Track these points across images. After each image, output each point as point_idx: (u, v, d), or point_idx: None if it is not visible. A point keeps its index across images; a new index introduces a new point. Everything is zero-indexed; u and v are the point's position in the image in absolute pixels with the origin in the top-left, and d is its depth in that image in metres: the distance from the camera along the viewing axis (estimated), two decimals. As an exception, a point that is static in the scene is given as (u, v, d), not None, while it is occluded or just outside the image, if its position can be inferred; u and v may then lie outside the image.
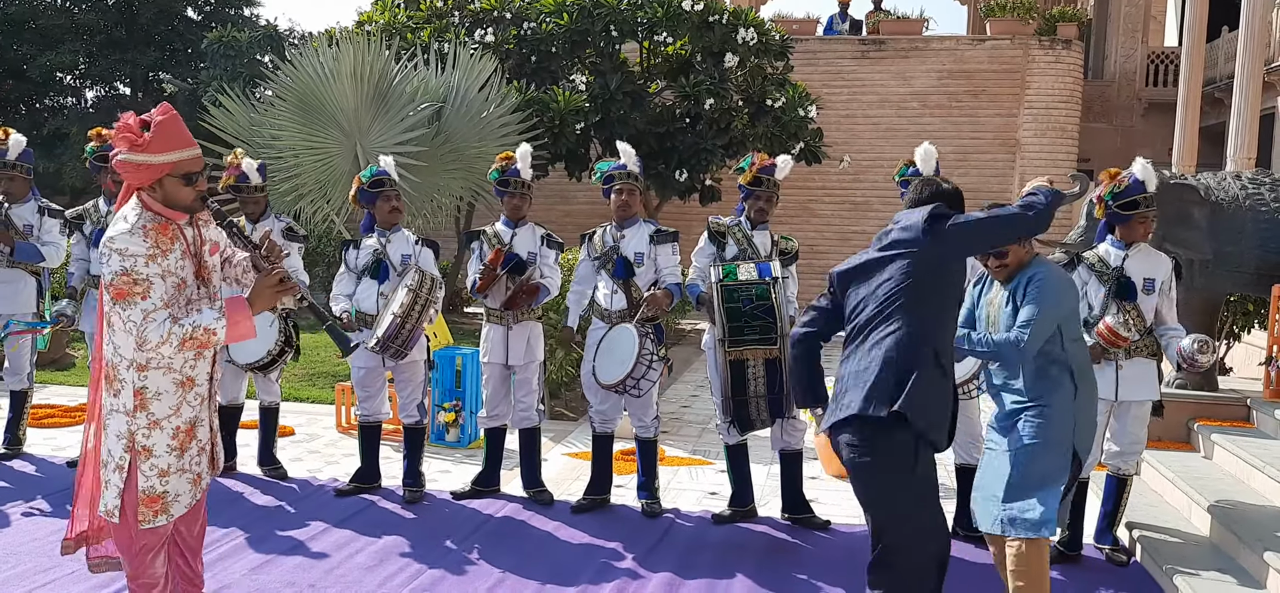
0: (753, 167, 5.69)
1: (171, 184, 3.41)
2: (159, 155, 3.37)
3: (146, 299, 3.31)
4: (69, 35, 20.78)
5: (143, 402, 3.45)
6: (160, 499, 3.49)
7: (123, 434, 3.46)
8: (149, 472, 3.47)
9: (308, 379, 9.75)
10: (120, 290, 3.30)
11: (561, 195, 16.18)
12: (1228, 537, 5.17)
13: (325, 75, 10.87)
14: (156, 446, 3.47)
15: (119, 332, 3.40)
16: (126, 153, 3.37)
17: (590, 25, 13.29)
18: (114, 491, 3.48)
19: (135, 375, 3.43)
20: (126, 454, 3.47)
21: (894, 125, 17.22)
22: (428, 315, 5.63)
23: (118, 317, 3.36)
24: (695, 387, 10.32)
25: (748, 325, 5.18)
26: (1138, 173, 5.11)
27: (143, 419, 3.46)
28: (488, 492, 6.13)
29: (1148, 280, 5.11)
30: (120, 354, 3.43)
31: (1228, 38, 17.54)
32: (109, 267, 3.33)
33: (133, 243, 3.31)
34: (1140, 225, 5.13)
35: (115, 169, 3.46)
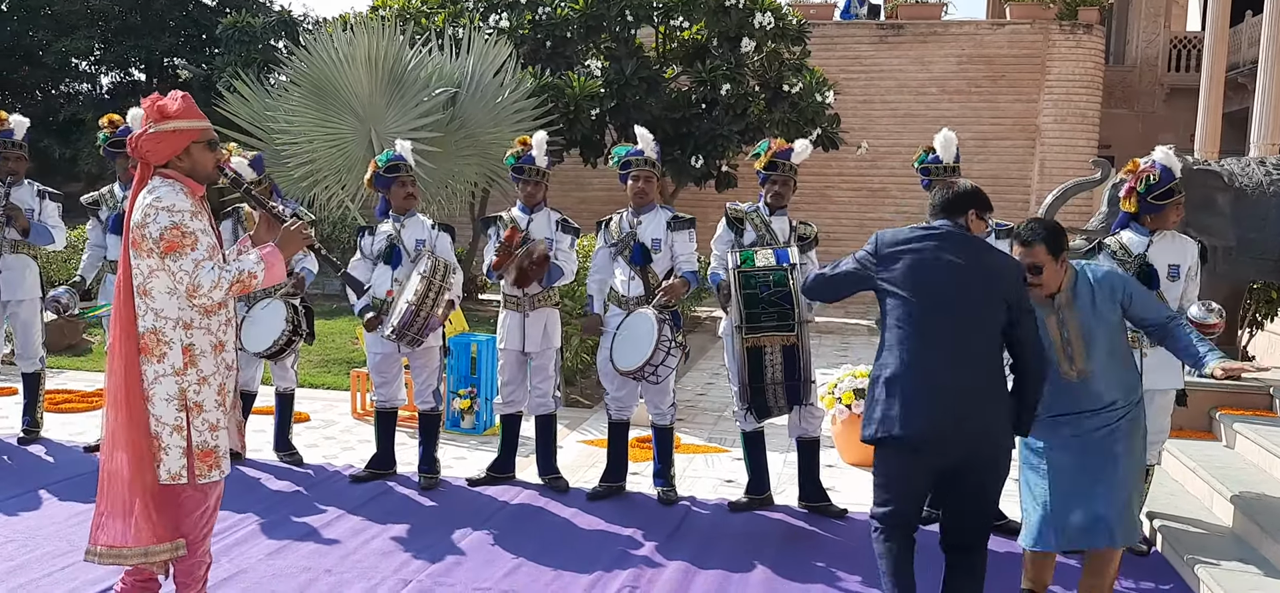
0: (768, 151, 5.66)
1: (198, 151, 3.63)
2: (189, 121, 3.59)
3: (196, 249, 3.51)
4: (84, 21, 20.84)
5: (191, 358, 3.60)
6: (213, 454, 3.67)
7: (173, 396, 3.59)
8: (201, 427, 3.63)
9: (323, 365, 9.76)
10: (171, 243, 3.48)
11: (577, 181, 16.14)
12: (1250, 527, 5.11)
13: (340, 61, 10.86)
14: (206, 401, 3.64)
15: (161, 295, 3.55)
16: (157, 124, 3.55)
17: (606, 10, 13.23)
18: (178, 452, 3.61)
19: (182, 334, 3.58)
20: (181, 413, 3.60)
21: (912, 111, 17.09)
22: (444, 302, 5.59)
23: (166, 272, 3.52)
24: (711, 374, 10.29)
25: (765, 312, 5.14)
26: (1163, 160, 5.04)
27: (193, 375, 3.61)
28: (503, 479, 6.12)
29: (1173, 267, 5.05)
30: (164, 318, 3.57)
31: (1251, 22, 17.34)
32: (156, 223, 3.48)
33: (178, 199, 3.53)
34: (1173, 212, 5.07)
35: (142, 146, 3.57)
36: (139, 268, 3.57)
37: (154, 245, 3.50)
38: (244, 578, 4.55)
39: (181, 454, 3.61)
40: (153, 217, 3.49)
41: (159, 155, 3.58)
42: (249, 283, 3.59)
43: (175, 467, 3.61)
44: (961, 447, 3.74)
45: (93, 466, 6.21)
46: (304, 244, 3.83)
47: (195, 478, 3.63)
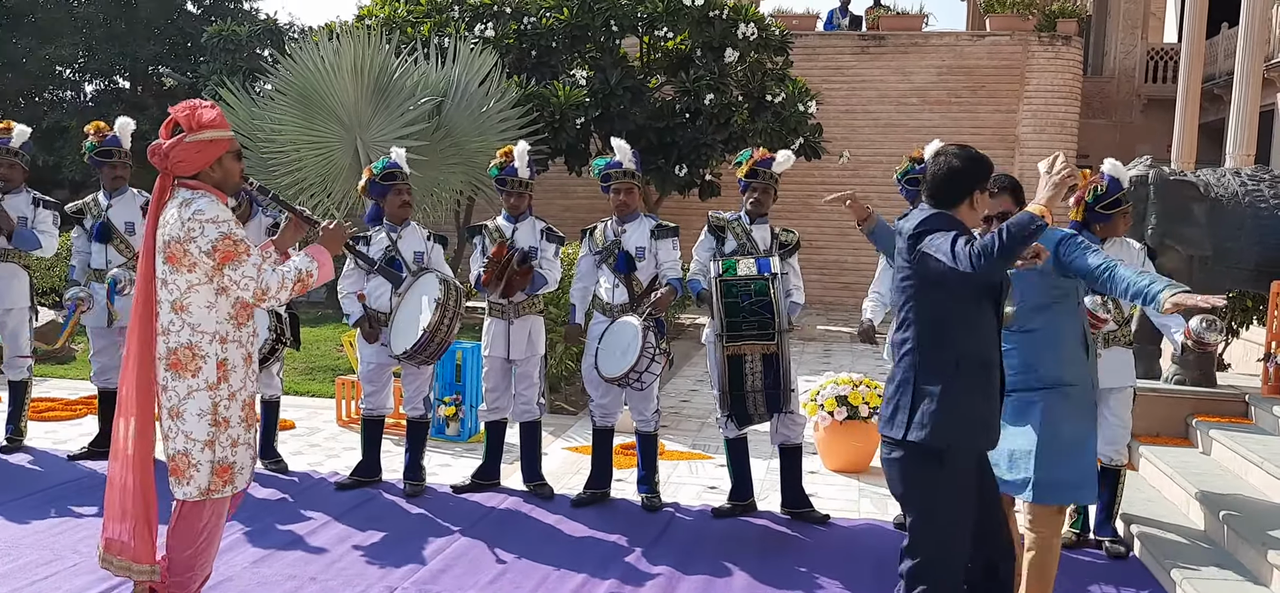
0: (750, 160, 5.72)
1: (229, 161, 3.65)
2: (224, 131, 3.61)
3: (250, 255, 3.54)
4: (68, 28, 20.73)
5: (224, 373, 3.60)
6: (230, 469, 3.67)
7: (205, 411, 3.59)
8: (225, 442, 3.64)
9: (308, 373, 9.76)
10: (227, 253, 3.49)
11: (562, 190, 16.18)
12: (1225, 532, 5.19)
13: (325, 69, 10.87)
14: (232, 416, 3.66)
15: (199, 309, 3.54)
16: (196, 133, 3.53)
17: (590, 20, 13.29)
18: (207, 467, 3.61)
19: (218, 348, 3.59)
20: (212, 428, 3.60)
21: (894, 121, 17.21)
22: (458, 323, 5.60)
23: (216, 284, 3.52)
24: (695, 381, 10.33)
25: (746, 321, 5.21)
26: (1111, 172, 5.16)
27: (224, 391, 3.62)
28: (488, 485, 6.14)
29: None
30: (201, 332, 3.57)
31: (1227, 34, 17.55)
32: (206, 237, 3.46)
33: (220, 210, 3.54)
34: (1122, 220, 5.21)
35: (176, 155, 3.54)
36: (175, 283, 3.53)
37: (204, 258, 3.47)
38: (229, 586, 4.56)
39: (211, 470, 3.62)
40: (199, 230, 3.46)
41: (194, 165, 3.55)
42: (308, 281, 3.67)
43: (205, 482, 3.62)
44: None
45: (76, 474, 6.22)
46: (343, 241, 3.92)
47: (210, 493, 3.63)
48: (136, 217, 6.42)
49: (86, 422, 7.49)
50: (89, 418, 7.53)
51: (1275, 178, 7.08)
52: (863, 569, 5.05)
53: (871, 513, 5.98)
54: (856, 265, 16.85)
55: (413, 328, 5.50)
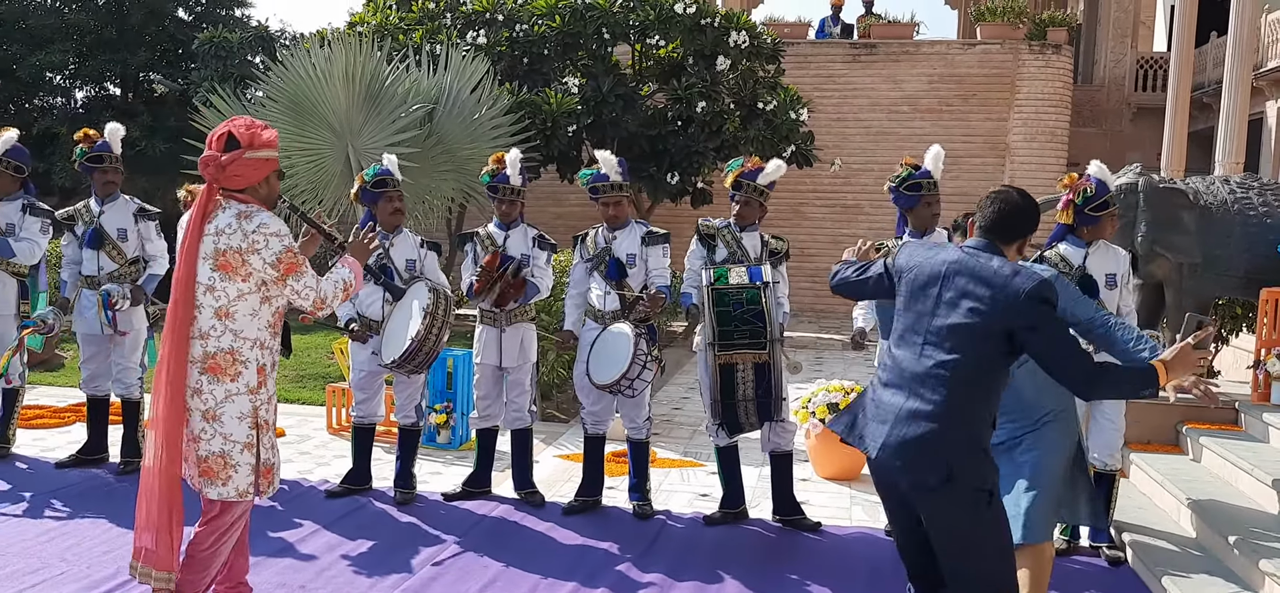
0: (736, 171, 5.72)
1: (274, 178, 3.80)
2: (275, 150, 3.74)
3: (307, 266, 3.71)
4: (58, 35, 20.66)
5: (263, 378, 3.72)
6: (272, 471, 3.81)
7: (246, 414, 3.69)
8: (267, 445, 3.75)
9: (299, 381, 9.73)
10: (290, 265, 3.66)
11: (554, 197, 16.17)
12: (1216, 539, 5.20)
13: (317, 76, 10.85)
14: (271, 419, 3.79)
15: (243, 317, 3.65)
16: (257, 150, 3.65)
17: (582, 28, 13.30)
18: (247, 469, 3.70)
19: (259, 353, 3.70)
20: (253, 431, 3.70)
21: (885, 129, 17.25)
22: (447, 332, 5.60)
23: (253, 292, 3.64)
24: (686, 388, 10.33)
25: (737, 329, 5.22)
26: (1097, 175, 5.21)
27: (264, 394, 3.74)
28: (479, 493, 6.13)
29: (1109, 276, 5.26)
30: (243, 338, 3.67)
31: (1216, 43, 17.64)
32: (270, 250, 3.60)
33: (280, 225, 3.67)
34: (1109, 223, 5.26)
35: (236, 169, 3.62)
36: (225, 290, 3.62)
37: (268, 270, 3.61)
38: (219, 593, 4.54)
39: (251, 471, 3.70)
40: (264, 243, 3.59)
41: (247, 181, 3.67)
42: (351, 290, 3.91)
43: (244, 484, 3.70)
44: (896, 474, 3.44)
45: (64, 482, 6.18)
46: (370, 250, 4.15)
47: (261, 494, 3.75)
48: (129, 224, 6.39)
49: (75, 430, 7.46)
50: (77, 426, 7.49)
51: (1264, 186, 7.12)
52: (855, 577, 5.05)
53: (863, 521, 5.98)
54: (848, 273, 16.86)
55: (402, 336, 5.48)
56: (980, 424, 3.36)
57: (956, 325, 3.31)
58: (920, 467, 3.30)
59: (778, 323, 5.34)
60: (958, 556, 3.39)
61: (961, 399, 3.30)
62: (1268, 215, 6.86)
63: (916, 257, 3.54)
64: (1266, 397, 6.68)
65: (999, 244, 3.45)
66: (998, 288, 3.28)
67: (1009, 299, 3.25)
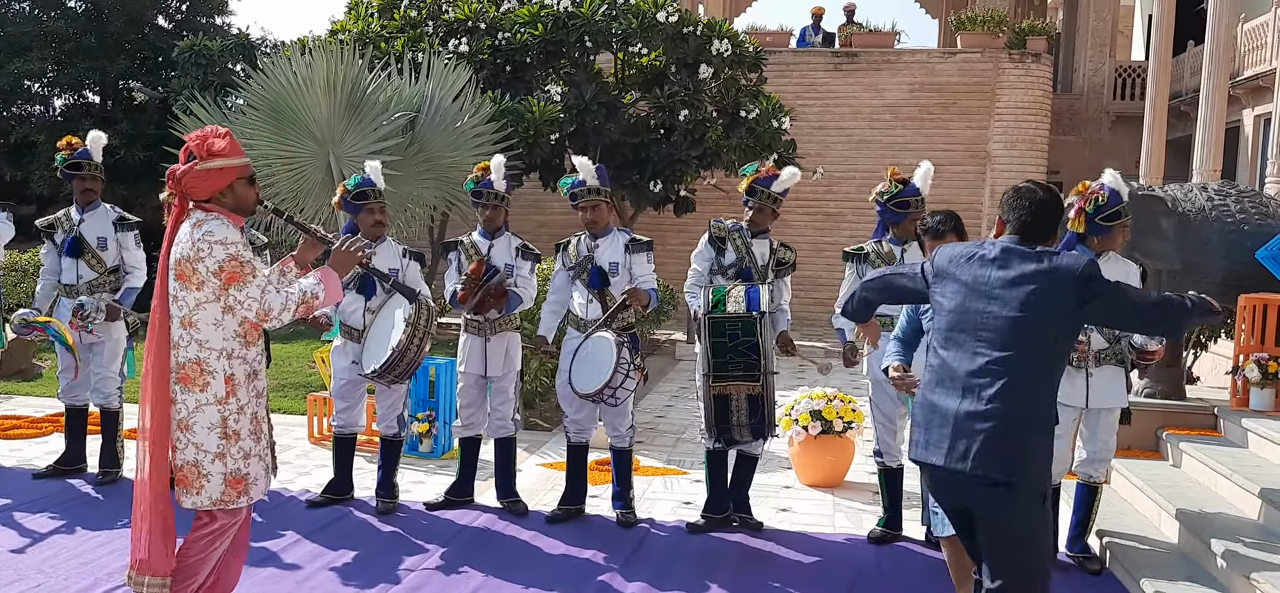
0: (750, 176, 5.79)
1: (242, 187, 3.74)
2: (237, 159, 3.70)
3: (257, 276, 3.62)
4: (37, 43, 20.52)
5: (232, 388, 3.69)
6: (243, 481, 3.75)
7: (215, 424, 3.68)
8: (236, 454, 3.71)
9: (279, 390, 9.67)
10: (232, 274, 3.59)
11: (536, 205, 16.15)
12: (1196, 544, 5.23)
13: (298, 84, 10.80)
14: (242, 429, 3.73)
15: (206, 326, 3.63)
16: (206, 161, 3.63)
17: (565, 36, 13.30)
18: (219, 478, 3.69)
19: (226, 363, 3.67)
20: (222, 440, 3.68)
21: (866, 137, 17.33)
22: (428, 342, 5.57)
23: (223, 303, 3.61)
24: (670, 397, 10.33)
25: (732, 361, 5.26)
26: (1111, 183, 5.18)
27: (233, 404, 3.70)
28: (461, 502, 6.10)
29: None
30: (208, 348, 3.65)
31: (1193, 52, 17.81)
32: (213, 258, 3.56)
33: (228, 232, 3.62)
34: (1120, 234, 5.20)
35: (188, 182, 3.63)
36: (185, 300, 3.63)
37: (210, 278, 3.57)
38: (199, 605, 4.50)
39: (222, 481, 3.69)
40: (207, 251, 3.56)
41: (205, 191, 3.65)
42: (312, 303, 3.75)
43: (216, 493, 3.70)
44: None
45: (42, 493, 6.12)
46: (356, 260, 3.95)
47: (223, 503, 3.71)
48: (109, 232, 6.34)
49: (52, 440, 7.39)
50: (55, 437, 7.42)
51: (1241, 193, 7.18)
52: (838, 584, 5.05)
53: (846, 527, 5.99)
54: (831, 280, 16.88)
55: (383, 347, 5.46)
56: (1043, 417, 3.40)
57: (1014, 319, 3.34)
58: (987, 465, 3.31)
59: (772, 355, 5.35)
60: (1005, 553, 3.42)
61: (1023, 394, 3.33)
62: (1244, 222, 6.92)
63: (964, 259, 3.54)
64: (1245, 402, 6.73)
65: (1032, 241, 3.50)
66: (1049, 275, 3.35)
67: (1063, 283, 3.34)
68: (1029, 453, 3.33)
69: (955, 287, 3.50)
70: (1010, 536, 3.40)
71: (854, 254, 5.78)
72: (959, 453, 3.34)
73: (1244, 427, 6.38)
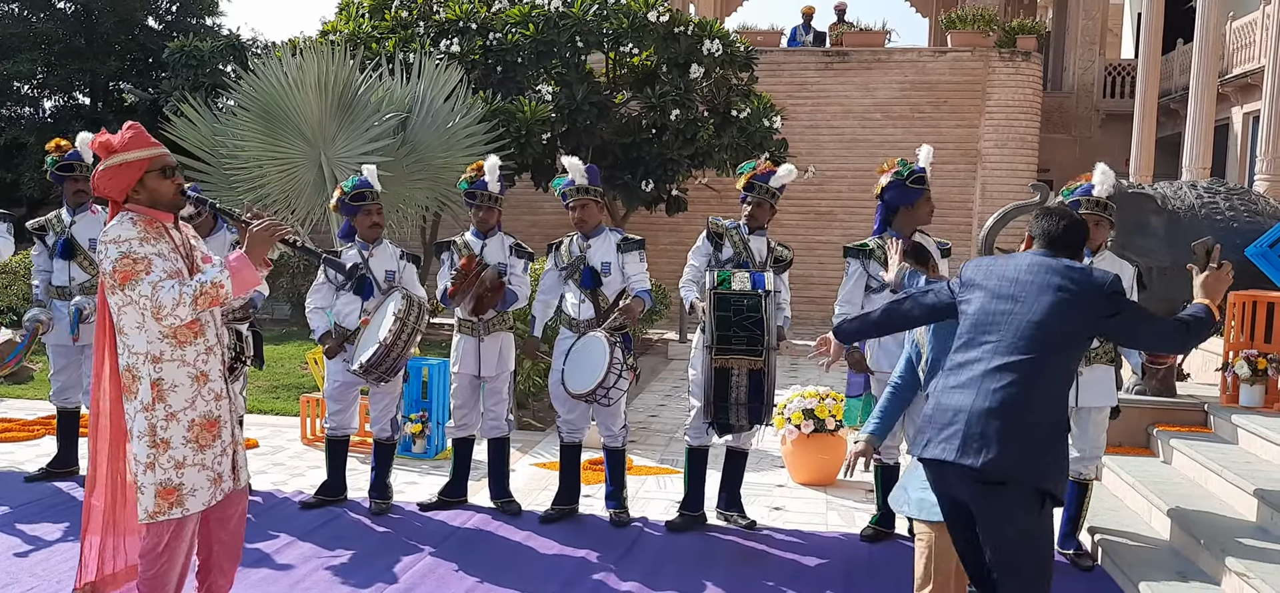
0: (749, 172, 5.78)
1: (154, 180, 3.60)
2: (139, 152, 3.56)
3: (150, 273, 3.48)
4: (27, 44, 20.46)
5: (159, 393, 3.55)
6: (175, 491, 3.59)
7: (144, 433, 3.56)
8: (166, 464, 3.57)
9: (272, 391, 9.65)
10: (124, 273, 3.46)
11: (528, 205, 16.16)
12: (1187, 540, 5.25)
13: (289, 85, 10.79)
14: (174, 438, 3.58)
15: (131, 331, 3.53)
16: (106, 160, 3.54)
17: (556, 36, 13.30)
18: (151, 491, 3.57)
19: (151, 368, 3.55)
20: (151, 449, 3.56)
21: (857, 136, 17.37)
22: (415, 341, 5.58)
23: (130, 303, 3.49)
24: (663, 396, 10.34)
25: (736, 335, 5.26)
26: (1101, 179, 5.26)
27: (161, 411, 3.56)
28: (455, 503, 6.10)
29: None
30: (135, 353, 3.54)
31: (1182, 50, 17.88)
32: (108, 258, 3.48)
33: (124, 229, 3.51)
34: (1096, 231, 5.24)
35: (97, 183, 3.57)
36: (112, 306, 3.56)
37: (111, 280, 3.49)
38: (193, 607, 4.50)
39: (154, 491, 3.56)
40: (104, 253, 3.50)
41: (114, 191, 3.57)
42: (216, 294, 3.53)
43: (149, 504, 3.57)
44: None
45: (34, 495, 6.11)
46: (273, 240, 3.72)
47: (155, 516, 3.57)
48: (99, 234, 6.33)
49: (45, 443, 7.36)
50: (47, 439, 7.39)
51: (1230, 191, 7.22)
52: (831, 582, 5.07)
53: (839, 526, 6.01)
54: (822, 279, 16.94)
55: (372, 343, 5.48)
56: (1056, 421, 3.46)
57: (1038, 322, 3.43)
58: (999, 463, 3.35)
59: (775, 331, 5.36)
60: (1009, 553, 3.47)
61: (1038, 396, 3.40)
62: (1233, 220, 6.96)
63: (992, 268, 3.64)
64: (1235, 399, 6.77)
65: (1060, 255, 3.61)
66: (1080, 285, 3.47)
67: (1093, 293, 3.46)
68: (1040, 455, 3.39)
69: (981, 293, 3.60)
70: (1014, 536, 3.44)
71: (857, 250, 5.73)
72: (971, 450, 3.38)
73: (1234, 423, 6.42)
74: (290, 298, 13.92)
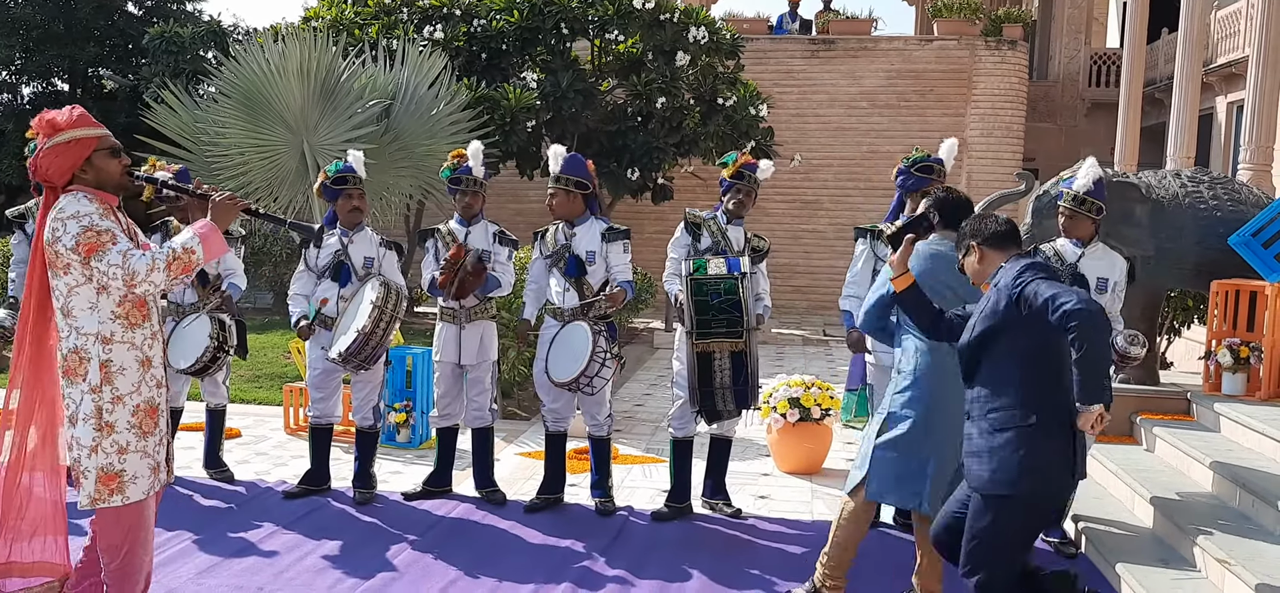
0: (736, 162, 5.82)
1: (102, 159, 3.52)
2: (87, 130, 3.50)
3: (117, 242, 3.41)
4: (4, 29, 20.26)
5: (108, 375, 3.49)
6: (117, 478, 3.52)
7: (90, 415, 3.48)
8: (109, 448, 3.50)
9: (255, 381, 9.60)
10: (90, 245, 3.38)
11: (513, 193, 16.10)
12: (1169, 527, 5.28)
13: (271, 72, 10.70)
14: (118, 422, 3.51)
15: (82, 312, 3.46)
16: (52, 138, 3.46)
17: (541, 22, 13.24)
18: (93, 474, 3.49)
19: (101, 349, 3.48)
20: (96, 433, 3.49)
21: (844, 124, 17.36)
22: (394, 328, 5.55)
23: (85, 281, 3.42)
24: (648, 385, 10.33)
25: (715, 319, 5.30)
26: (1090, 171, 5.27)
27: (108, 393, 3.49)
28: (439, 492, 6.08)
29: (1101, 280, 5.23)
30: (85, 335, 3.47)
31: (1167, 39, 17.94)
32: (68, 234, 3.38)
33: (82, 205, 3.42)
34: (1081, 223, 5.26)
35: (41, 164, 3.48)
36: (58, 288, 3.47)
37: (71, 256, 3.39)
38: (174, 598, 4.47)
39: (95, 476, 3.48)
40: (62, 228, 3.39)
41: (60, 171, 3.47)
42: (188, 260, 3.47)
43: (91, 489, 3.49)
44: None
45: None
46: (237, 211, 3.69)
47: (95, 502, 3.50)
48: None
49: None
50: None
51: (1215, 180, 7.23)
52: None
53: (825, 514, 6.00)
54: (808, 268, 16.97)
55: (350, 331, 5.45)
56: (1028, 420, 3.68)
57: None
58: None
59: (754, 314, 5.40)
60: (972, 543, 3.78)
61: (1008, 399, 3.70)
62: (1217, 209, 6.97)
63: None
64: (1217, 387, 6.80)
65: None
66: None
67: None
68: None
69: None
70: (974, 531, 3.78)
71: (868, 230, 5.76)
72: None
73: (1216, 411, 6.44)
74: (273, 287, 13.84)
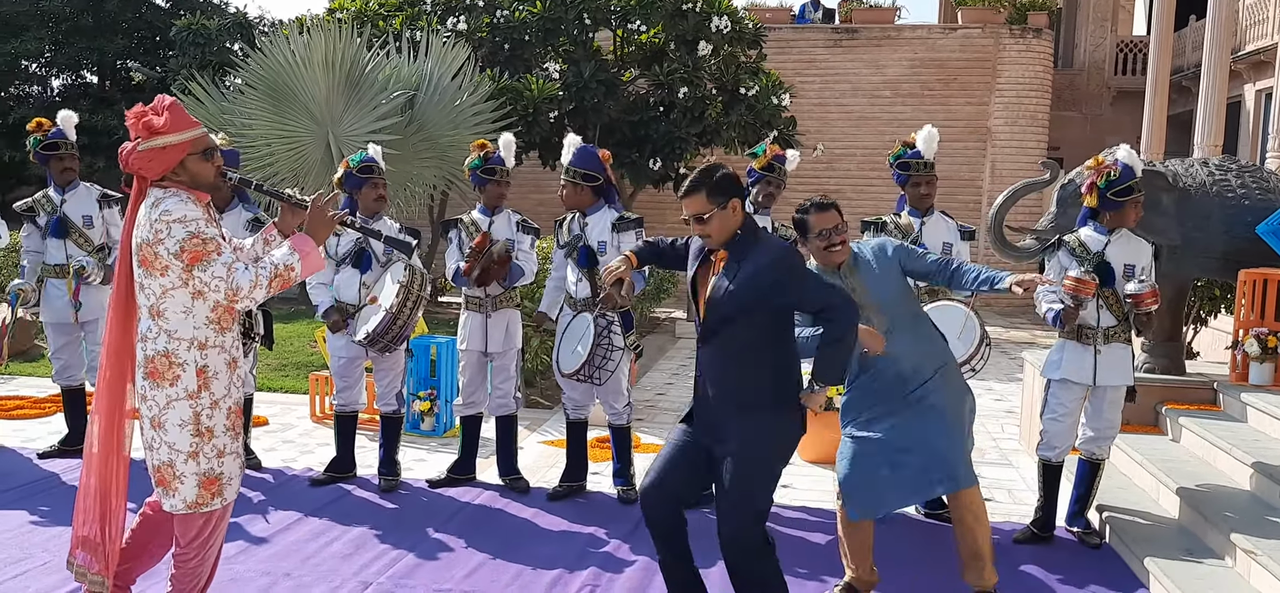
0: (767, 153, 5.90)
1: (194, 162, 3.45)
2: (180, 134, 3.41)
3: (221, 254, 3.38)
4: (34, 22, 20.48)
5: (205, 381, 3.47)
6: (217, 481, 3.54)
7: (187, 421, 3.47)
8: (210, 453, 3.51)
9: (281, 369, 9.69)
10: (195, 253, 3.34)
11: (535, 184, 16.14)
12: (1195, 518, 5.25)
13: (296, 63, 10.79)
14: (217, 426, 3.52)
15: (175, 315, 3.41)
16: (148, 141, 3.38)
17: (563, 13, 13.26)
18: (192, 480, 3.50)
19: (197, 355, 3.45)
20: (195, 438, 3.48)
21: (867, 114, 17.29)
22: (419, 311, 5.59)
23: (191, 286, 3.38)
24: (670, 374, 10.34)
25: None
26: (1124, 159, 5.17)
27: (206, 399, 3.48)
28: (463, 480, 6.12)
29: (1128, 267, 5.17)
30: (178, 339, 3.43)
31: (1195, 26, 17.75)
32: (173, 238, 3.32)
33: (188, 209, 3.37)
34: (1132, 210, 5.17)
35: (133, 163, 3.41)
36: (150, 288, 3.41)
37: (173, 260, 3.34)
38: (203, 582, 4.52)
39: (196, 483, 3.49)
40: (165, 232, 3.32)
41: (155, 171, 3.41)
42: (288, 275, 3.46)
43: (191, 495, 3.50)
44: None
45: (46, 472, 6.15)
46: (334, 225, 3.66)
47: (197, 506, 3.52)
48: (93, 210, 6.37)
49: (56, 420, 7.40)
50: (58, 416, 7.43)
51: (1242, 169, 7.16)
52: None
53: (847, 503, 6.00)
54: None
55: (377, 314, 5.51)
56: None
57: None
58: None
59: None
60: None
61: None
62: (1245, 197, 6.91)
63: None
64: (1244, 377, 6.74)
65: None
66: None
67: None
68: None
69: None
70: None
71: (873, 223, 5.81)
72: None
73: (1243, 401, 6.40)
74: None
